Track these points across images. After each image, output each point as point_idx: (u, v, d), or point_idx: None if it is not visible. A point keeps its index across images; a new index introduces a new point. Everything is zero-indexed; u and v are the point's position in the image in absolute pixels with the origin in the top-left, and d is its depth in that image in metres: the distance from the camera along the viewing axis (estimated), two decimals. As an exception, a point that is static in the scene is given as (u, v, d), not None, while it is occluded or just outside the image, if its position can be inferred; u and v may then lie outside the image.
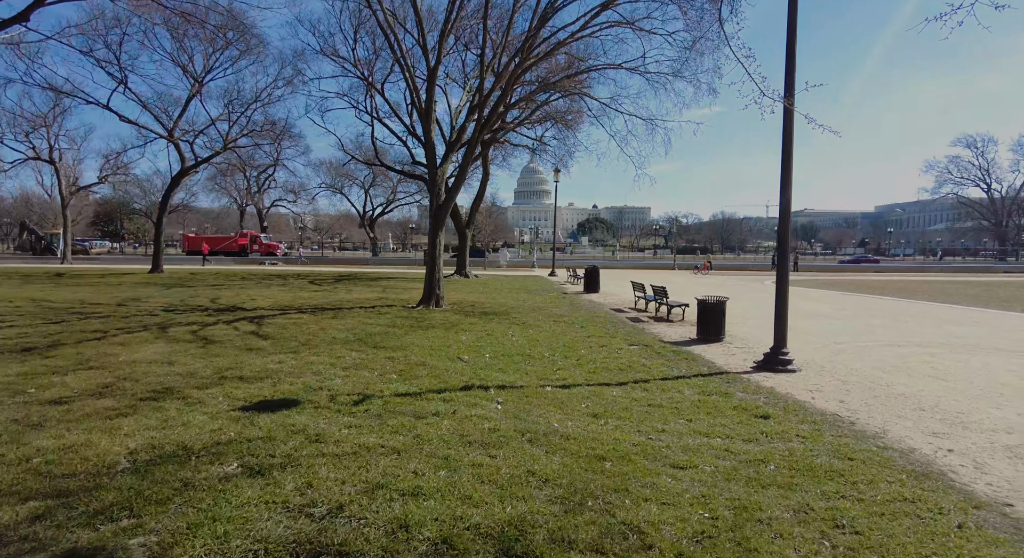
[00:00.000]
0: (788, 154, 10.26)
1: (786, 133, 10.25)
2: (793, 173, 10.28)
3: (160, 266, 34.86)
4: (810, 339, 13.86)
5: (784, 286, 10.38)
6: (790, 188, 10.29)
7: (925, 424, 7.04)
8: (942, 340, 13.94)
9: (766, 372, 10.01)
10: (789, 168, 10.26)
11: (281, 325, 13.69)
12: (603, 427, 6.50)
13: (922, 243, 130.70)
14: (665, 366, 10.19)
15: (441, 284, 18.34)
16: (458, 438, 5.78)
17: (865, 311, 20.61)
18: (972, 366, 10.75)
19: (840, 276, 51.17)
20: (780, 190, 10.30)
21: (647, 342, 12.75)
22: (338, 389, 7.59)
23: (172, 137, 34.67)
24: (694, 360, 10.86)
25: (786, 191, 10.26)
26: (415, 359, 9.83)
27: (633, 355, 11.14)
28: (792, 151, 10.27)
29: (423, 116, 18.59)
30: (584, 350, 11.51)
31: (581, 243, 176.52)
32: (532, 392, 7.91)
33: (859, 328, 15.99)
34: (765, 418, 7.07)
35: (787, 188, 10.26)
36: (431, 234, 18.48)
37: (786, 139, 10.25)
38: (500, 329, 13.99)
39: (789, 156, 10.26)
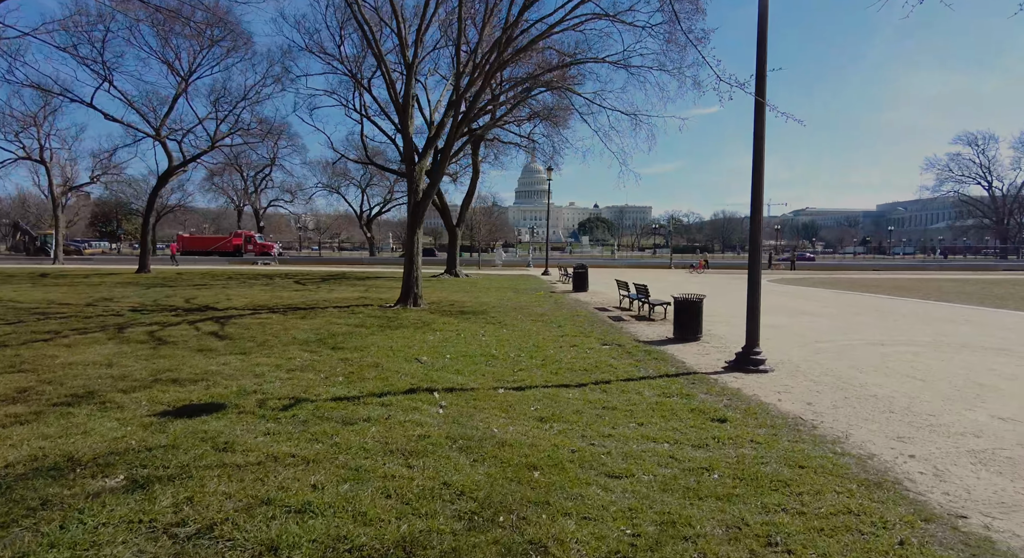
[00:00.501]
0: (760, 150, 9.86)
1: (757, 128, 9.86)
2: (764, 168, 9.89)
3: (147, 266, 34.54)
4: (791, 338, 13.48)
5: (756, 285, 9.97)
6: (762, 185, 9.89)
7: (892, 427, 6.65)
8: (928, 339, 13.54)
9: (737, 373, 9.62)
10: (760, 164, 9.86)
11: (245, 325, 13.32)
12: (546, 432, 6.12)
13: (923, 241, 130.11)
14: (632, 366, 9.80)
15: (419, 283, 17.96)
16: (381, 446, 5.40)
17: (855, 309, 20.20)
18: (954, 365, 10.35)
19: (837, 274, 50.74)
20: (751, 186, 9.89)
21: (621, 341, 12.37)
22: (273, 392, 7.21)
23: (159, 136, 34.33)
24: (664, 360, 10.46)
25: (757, 187, 9.86)
26: (370, 360, 9.45)
27: (602, 355, 10.75)
28: (763, 147, 9.88)
29: (400, 111, 18.20)
30: (553, 350, 11.13)
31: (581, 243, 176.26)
32: (483, 395, 7.52)
33: (845, 326, 15.59)
34: (722, 422, 6.68)
35: (759, 184, 9.86)
36: (408, 232, 18.10)
37: (757, 135, 9.86)
38: (472, 329, 13.61)
39: (760, 152, 9.86)
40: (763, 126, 9.85)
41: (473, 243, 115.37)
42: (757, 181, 9.84)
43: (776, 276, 46.24)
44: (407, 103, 17.94)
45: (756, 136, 9.86)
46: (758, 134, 9.84)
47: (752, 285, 9.97)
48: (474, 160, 34.11)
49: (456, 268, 35.18)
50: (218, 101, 34.82)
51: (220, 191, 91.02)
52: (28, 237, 66.74)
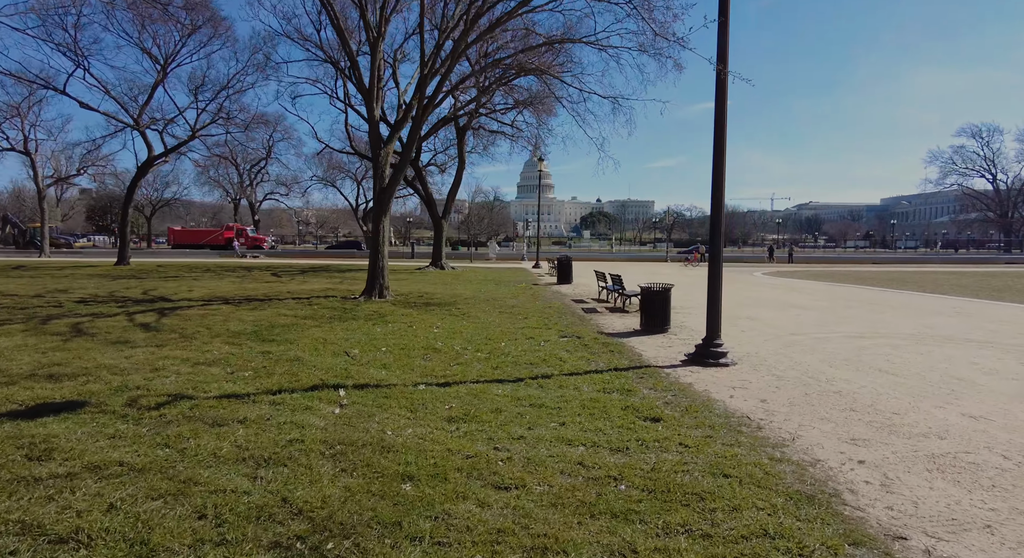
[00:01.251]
0: (721, 127, 9.08)
1: (719, 103, 9.07)
2: (727, 146, 9.10)
3: (126, 258, 33.87)
4: (767, 330, 12.71)
5: (716, 276, 9.21)
6: (723, 164, 9.12)
7: (848, 428, 5.89)
8: (913, 331, 12.76)
9: (695, 366, 8.87)
10: (722, 141, 9.08)
11: (186, 317, 12.60)
12: (448, 435, 5.38)
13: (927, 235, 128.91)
14: (584, 360, 9.05)
15: (385, 274, 17.21)
16: (236, 453, 4.66)
17: (845, 302, 19.40)
18: (933, 359, 9.57)
19: (836, 267, 49.86)
20: (712, 167, 9.11)
21: (582, 333, 11.61)
22: (158, 389, 6.47)
23: (138, 125, 33.64)
24: (621, 353, 9.70)
25: (719, 167, 9.08)
26: (293, 354, 8.72)
27: (557, 348, 10.01)
28: (725, 123, 9.10)
29: (366, 94, 17.43)
30: (505, 343, 10.38)
31: (583, 237, 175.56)
32: (398, 392, 6.78)
33: (829, 319, 14.80)
34: (655, 421, 5.93)
35: (720, 163, 9.08)
36: (374, 220, 17.36)
37: (719, 110, 9.07)
38: (428, 321, 12.88)
39: (722, 129, 9.08)
40: (725, 103, 9.06)
41: (469, 237, 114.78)
42: (718, 161, 9.06)
43: (773, 269, 45.41)
44: (372, 85, 17.15)
45: (717, 114, 9.07)
46: (719, 112, 9.06)
47: (712, 276, 9.23)
48: (460, 150, 33.31)
49: (442, 260, 34.42)
50: (198, 90, 34.04)
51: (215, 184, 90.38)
52: (18, 230, 66.20)
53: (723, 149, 9.04)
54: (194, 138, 35.08)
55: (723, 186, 9.15)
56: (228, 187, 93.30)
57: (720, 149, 9.01)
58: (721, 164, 9.03)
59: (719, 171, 9.03)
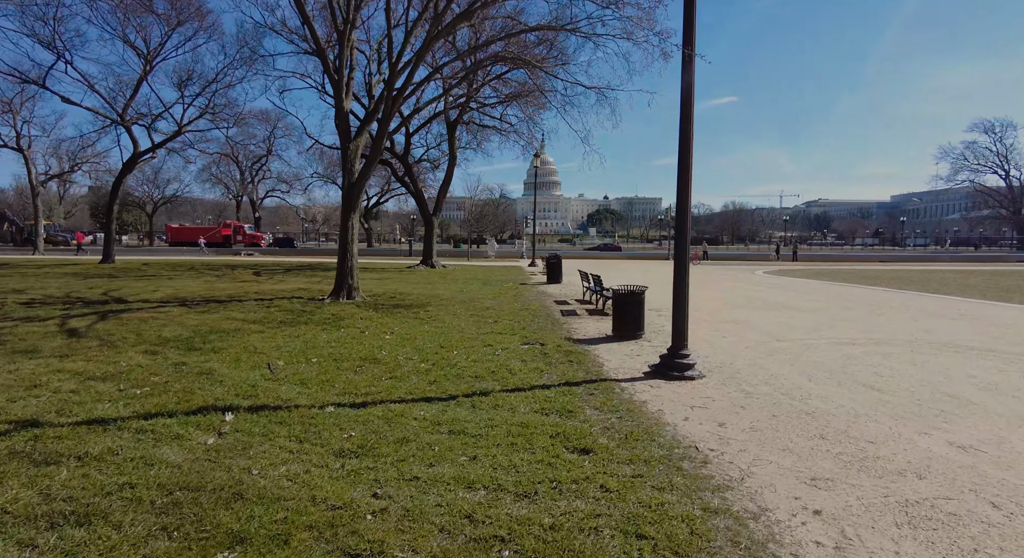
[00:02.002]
0: (688, 115, 8.16)
1: (685, 89, 8.15)
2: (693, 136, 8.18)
3: (111, 256, 33.25)
4: (751, 335, 11.78)
5: (682, 276, 8.28)
6: (690, 156, 8.20)
7: (812, 462, 4.99)
8: (909, 336, 11.80)
9: (657, 379, 7.97)
10: (689, 127, 8.15)
11: (124, 322, 11.79)
12: (328, 475, 4.52)
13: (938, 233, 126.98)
14: (536, 372, 8.16)
15: (355, 274, 16.37)
16: (35, 506, 3.80)
17: (843, 302, 18.41)
18: (927, 371, 8.63)
19: (842, 266, 48.72)
20: (679, 155, 8.20)
21: (547, 340, 10.72)
22: (10, 414, 5.65)
23: (124, 120, 32.96)
24: (581, 363, 8.80)
25: (686, 159, 8.16)
26: (210, 366, 7.88)
27: (513, 357, 9.13)
28: (692, 111, 8.18)
29: (334, 84, 16.56)
30: (459, 351, 9.52)
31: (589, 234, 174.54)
32: (298, 416, 5.92)
33: (822, 322, 13.85)
34: (584, 453, 5.06)
35: (687, 155, 8.16)
36: (342, 217, 16.51)
37: (686, 96, 8.15)
38: (387, 325, 12.04)
39: (689, 117, 8.16)
40: (691, 88, 8.14)
41: (473, 235, 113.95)
42: (685, 148, 8.14)
43: (775, 267, 44.34)
44: (341, 74, 16.30)
45: (684, 100, 8.15)
46: (686, 98, 8.14)
47: (678, 277, 8.28)
48: (451, 145, 32.40)
49: (432, 259, 33.56)
50: (184, 84, 33.30)
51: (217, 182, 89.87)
52: (15, 227, 65.85)
53: (689, 135, 8.12)
54: (180, 133, 34.32)
55: (689, 181, 8.23)
56: (230, 184, 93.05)
57: (687, 135, 8.09)
58: (688, 158, 8.11)
59: (685, 163, 8.12)
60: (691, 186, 8.24)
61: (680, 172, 8.16)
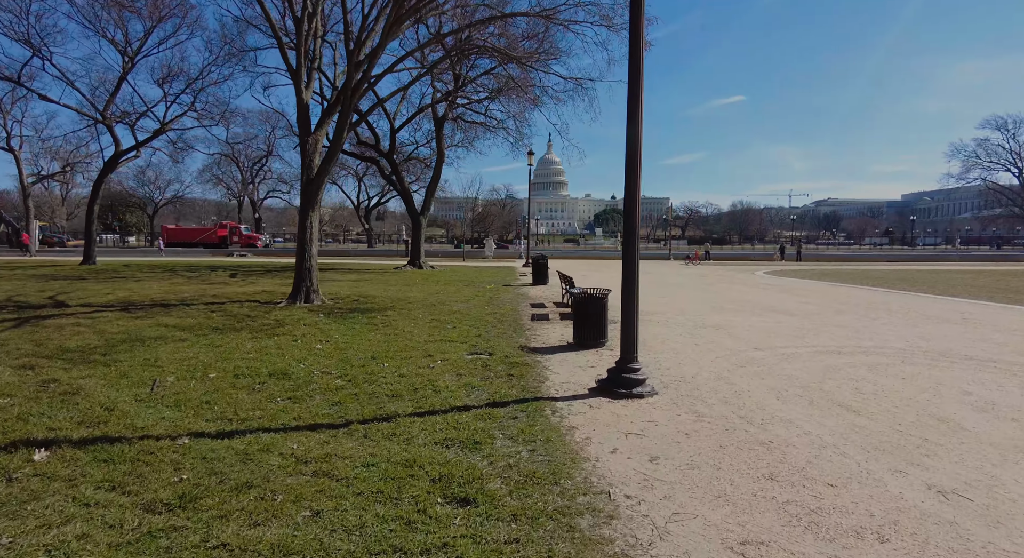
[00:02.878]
0: (636, 87, 7.12)
1: (633, 61, 7.11)
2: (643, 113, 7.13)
3: (92, 257, 32.47)
4: (727, 343, 10.72)
5: (630, 280, 7.24)
6: (638, 141, 7.16)
7: (749, 517, 3.95)
8: (903, 344, 10.71)
9: (601, 398, 6.94)
10: (637, 111, 7.11)
11: (41, 328, 10.88)
12: (111, 541, 3.52)
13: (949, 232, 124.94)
14: (466, 389, 7.15)
15: (313, 275, 15.40)
16: None
17: (838, 305, 17.28)
18: (917, 386, 7.56)
19: (846, 266, 47.40)
20: (626, 145, 7.16)
21: (499, 349, 9.70)
22: None
23: (105, 119, 32.21)
24: (522, 378, 7.77)
25: (633, 147, 7.12)
26: (83, 384, 6.90)
27: (448, 371, 8.12)
28: (641, 79, 7.13)
29: (293, 73, 15.60)
30: (391, 363, 8.53)
31: (595, 234, 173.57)
32: (134, 451, 4.90)
33: (810, 327, 12.75)
34: (462, 505, 4.05)
35: (635, 140, 7.12)
36: (300, 214, 15.55)
37: (633, 68, 7.11)
38: (328, 333, 11.07)
39: (638, 89, 7.12)
40: (640, 57, 7.10)
41: (475, 235, 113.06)
42: (633, 136, 7.10)
43: (778, 267, 43.10)
44: (300, 63, 15.34)
45: (632, 72, 7.11)
46: (634, 70, 7.10)
47: (627, 282, 7.24)
48: (438, 142, 31.41)
49: (420, 259, 32.58)
50: (165, 81, 32.51)
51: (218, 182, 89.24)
52: (12, 229, 65.41)
53: (638, 123, 7.08)
54: (163, 132, 33.54)
55: (637, 173, 7.19)
56: (231, 185, 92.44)
57: (635, 122, 7.05)
58: (636, 141, 7.07)
59: (633, 155, 7.08)
60: (639, 181, 7.20)
61: (628, 171, 7.13)
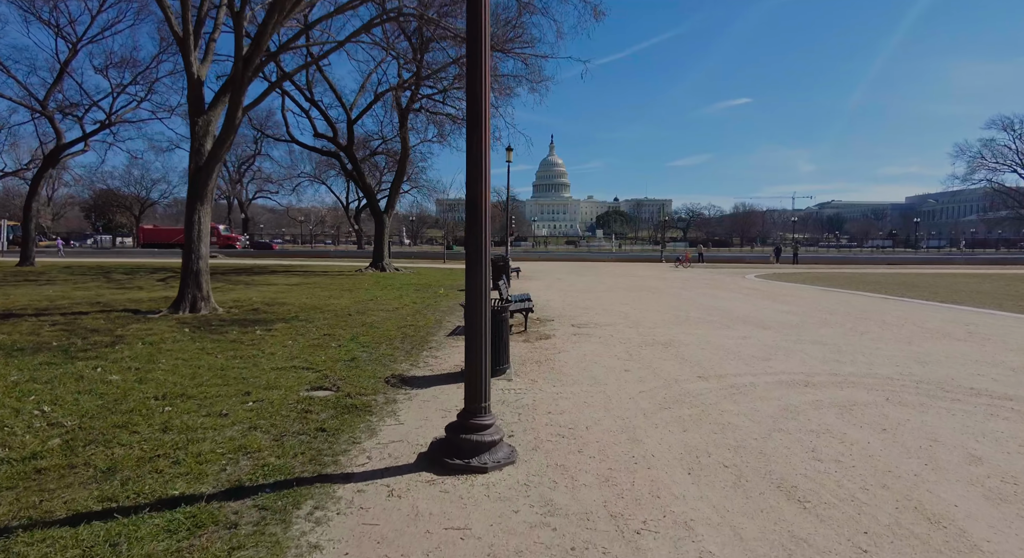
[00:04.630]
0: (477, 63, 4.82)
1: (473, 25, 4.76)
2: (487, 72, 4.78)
3: (30, 258, 30.28)
4: (668, 368, 8.42)
5: (476, 309, 4.93)
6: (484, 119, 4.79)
7: None
8: (894, 370, 8.40)
9: (426, 472, 4.64)
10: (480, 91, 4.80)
11: None
12: None
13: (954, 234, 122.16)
14: (231, 456, 4.86)
15: (204, 280, 13.11)
16: None
17: (825, 315, 14.93)
18: (902, 446, 5.26)
19: (845, 269, 44.96)
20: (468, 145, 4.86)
21: (356, 382, 7.40)
22: None
23: (45, 110, 30.02)
24: (338, 433, 5.47)
25: (477, 105, 4.82)
26: None
27: (245, 419, 5.83)
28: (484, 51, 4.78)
29: (180, 42, 13.32)
30: (185, 405, 6.24)
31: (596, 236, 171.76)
32: None
33: (780, 345, 10.43)
34: None
35: (478, 116, 4.81)
36: (187, 208, 13.26)
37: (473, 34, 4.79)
38: (155, 356, 8.78)
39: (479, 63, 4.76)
40: (484, 16, 4.81)
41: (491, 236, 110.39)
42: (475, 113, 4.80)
43: (772, 270, 40.70)
44: (187, 30, 13.08)
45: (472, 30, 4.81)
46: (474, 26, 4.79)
47: (472, 303, 4.94)
48: (402, 135, 29.10)
49: (384, 261, 30.29)
50: (109, 68, 30.31)
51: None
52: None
53: (481, 100, 4.77)
54: (110, 125, 31.36)
55: (484, 164, 4.88)
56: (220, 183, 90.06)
57: (476, 98, 4.74)
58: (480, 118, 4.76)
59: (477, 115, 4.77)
60: (488, 172, 4.89)
61: (470, 162, 4.82)
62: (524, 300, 13.93)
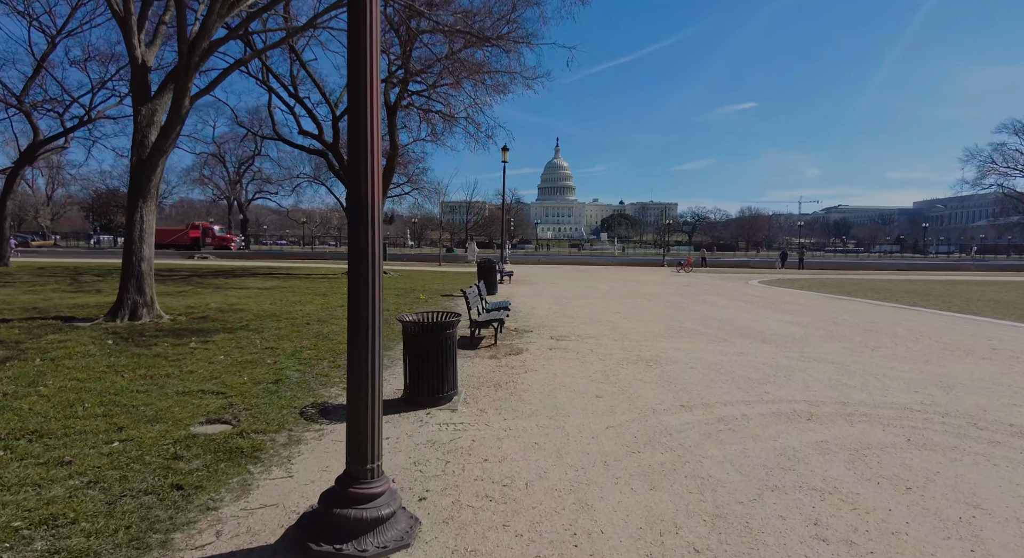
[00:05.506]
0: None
1: None
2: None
3: (4, 259, 29.20)
4: (646, 394, 7.15)
5: (363, 314, 3.67)
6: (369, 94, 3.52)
7: None
8: (913, 398, 7.12)
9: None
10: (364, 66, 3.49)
11: None
12: None
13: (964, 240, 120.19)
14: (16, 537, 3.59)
15: (146, 284, 11.87)
16: None
17: (831, 326, 13.62)
18: (936, 515, 3.97)
19: (851, 275, 43.51)
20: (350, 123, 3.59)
21: (264, 412, 6.16)
22: None
23: (22, 105, 28.95)
24: (196, 493, 4.22)
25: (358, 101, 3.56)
26: None
27: (92, 468, 4.60)
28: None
29: (121, 22, 12.10)
30: (28, 447, 4.99)
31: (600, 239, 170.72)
32: None
33: (782, 364, 9.14)
34: None
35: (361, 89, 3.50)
36: (128, 205, 12.02)
37: None
38: (54, 374, 7.54)
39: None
40: None
41: (485, 239, 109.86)
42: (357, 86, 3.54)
43: (776, 276, 39.31)
44: (127, 8, 11.89)
45: None
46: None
47: (355, 334, 3.67)
48: (391, 132, 27.81)
49: (371, 264, 28.97)
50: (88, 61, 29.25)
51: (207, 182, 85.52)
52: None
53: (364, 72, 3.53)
54: (91, 121, 30.28)
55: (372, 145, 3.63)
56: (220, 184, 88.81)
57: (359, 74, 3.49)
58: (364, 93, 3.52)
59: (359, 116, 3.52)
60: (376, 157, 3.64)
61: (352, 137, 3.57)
62: (501, 308, 12.69)
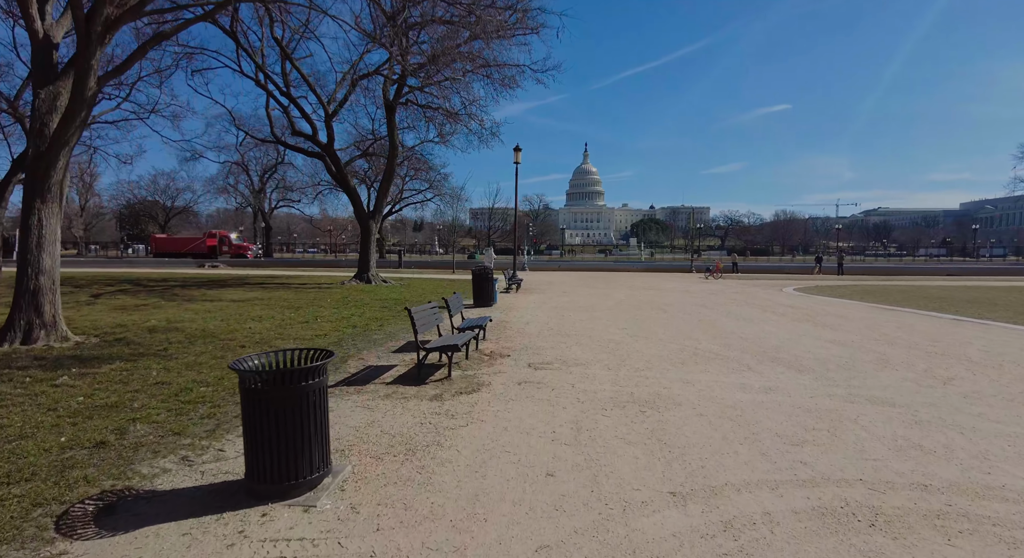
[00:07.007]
0: None
1: None
2: None
3: (-5, 269, 28.03)
4: (622, 473, 4.80)
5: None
6: None
7: None
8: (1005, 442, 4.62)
9: None
10: None
11: None
12: None
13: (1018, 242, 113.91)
14: None
15: (45, 301, 9.92)
16: None
17: (881, 347, 11.04)
18: None
19: (897, 281, 40.05)
20: None
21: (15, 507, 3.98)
22: None
23: (16, 111, 27.73)
24: None
25: None
26: None
27: None
28: None
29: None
30: None
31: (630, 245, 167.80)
32: None
33: (824, 408, 6.71)
34: None
35: None
36: (24, 207, 10.11)
37: None
38: None
39: None
40: None
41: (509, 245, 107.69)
42: None
43: (813, 282, 36.20)
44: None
45: None
46: None
47: None
48: (390, 132, 25.89)
49: (369, 272, 27.08)
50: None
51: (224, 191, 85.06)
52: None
53: None
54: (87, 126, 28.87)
55: None
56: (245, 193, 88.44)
57: None
58: None
59: None
60: None
61: None
62: (472, 328, 10.45)
